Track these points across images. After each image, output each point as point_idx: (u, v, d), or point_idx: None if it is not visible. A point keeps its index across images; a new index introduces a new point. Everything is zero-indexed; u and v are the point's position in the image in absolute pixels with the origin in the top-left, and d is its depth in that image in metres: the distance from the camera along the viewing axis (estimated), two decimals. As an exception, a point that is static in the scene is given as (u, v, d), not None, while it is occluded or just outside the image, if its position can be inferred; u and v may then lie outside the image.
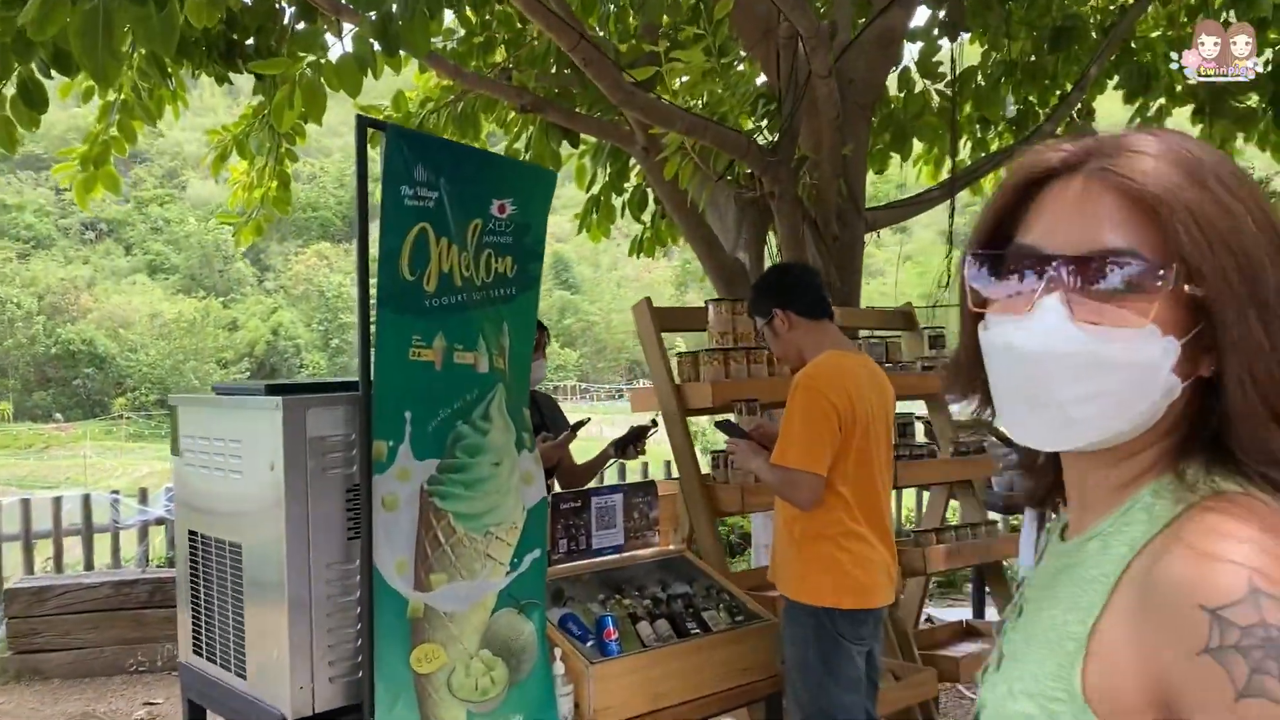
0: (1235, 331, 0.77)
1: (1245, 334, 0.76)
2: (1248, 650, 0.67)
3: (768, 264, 5.25)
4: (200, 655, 2.41)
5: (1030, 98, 6.40)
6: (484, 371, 2.29)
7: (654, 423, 3.15)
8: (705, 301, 3.49)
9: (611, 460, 3.54)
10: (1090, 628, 0.77)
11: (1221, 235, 0.76)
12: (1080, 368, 0.78)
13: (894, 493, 4.38)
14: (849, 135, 4.52)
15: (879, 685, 2.73)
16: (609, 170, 6.10)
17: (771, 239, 5.36)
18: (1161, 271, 0.76)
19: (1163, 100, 6.44)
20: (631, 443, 3.36)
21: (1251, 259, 0.77)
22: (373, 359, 2.16)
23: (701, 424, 9.29)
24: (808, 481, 2.51)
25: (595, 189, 6.25)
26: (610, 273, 44.99)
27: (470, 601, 2.29)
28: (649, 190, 6.24)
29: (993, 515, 4.25)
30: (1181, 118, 6.55)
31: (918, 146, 6.28)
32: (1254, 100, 6.17)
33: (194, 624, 2.43)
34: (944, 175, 6.57)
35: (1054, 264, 0.79)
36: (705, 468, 3.26)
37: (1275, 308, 0.77)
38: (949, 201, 5.04)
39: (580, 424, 3.60)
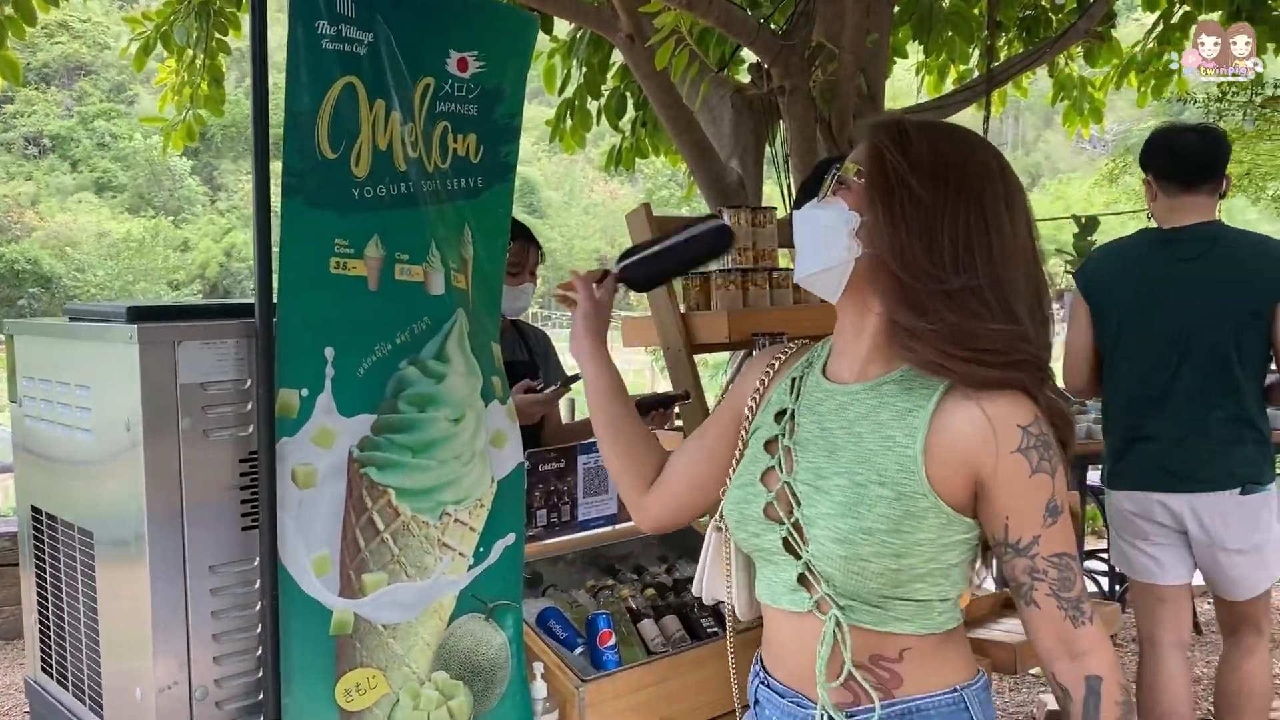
0: (896, 205, 1.28)
1: (896, 206, 1.28)
2: (1035, 449, 1.23)
3: (768, 176, 4.61)
4: (49, 674, 1.78)
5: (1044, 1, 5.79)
6: (438, 293, 1.64)
7: (687, 394, 2.50)
8: (718, 209, 2.84)
9: None
10: (923, 441, 1.24)
11: (894, 154, 1.28)
12: (805, 225, 1.35)
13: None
14: (871, 22, 3.86)
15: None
16: (584, 69, 5.39)
17: (769, 150, 4.71)
18: (836, 166, 1.35)
19: (1189, 6, 5.82)
20: (656, 407, 2.69)
21: (911, 171, 1.28)
22: (276, 272, 1.50)
23: (710, 362, 8.21)
24: None
25: (569, 91, 5.53)
26: (576, 198, 43.95)
27: (420, 608, 1.66)
28: (628, 94, 5.54)
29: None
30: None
31: (916, 53, 5.64)
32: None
33: (41, 632, 1.79)
34: (948, 85, 5.96)
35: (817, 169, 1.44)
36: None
37: (901, 202, 1.28)
38: (982, 105, 4.40)
39: (574, 378, 2.95)
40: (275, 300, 1.51)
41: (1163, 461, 2.73)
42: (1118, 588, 5.07)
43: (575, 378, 3.02)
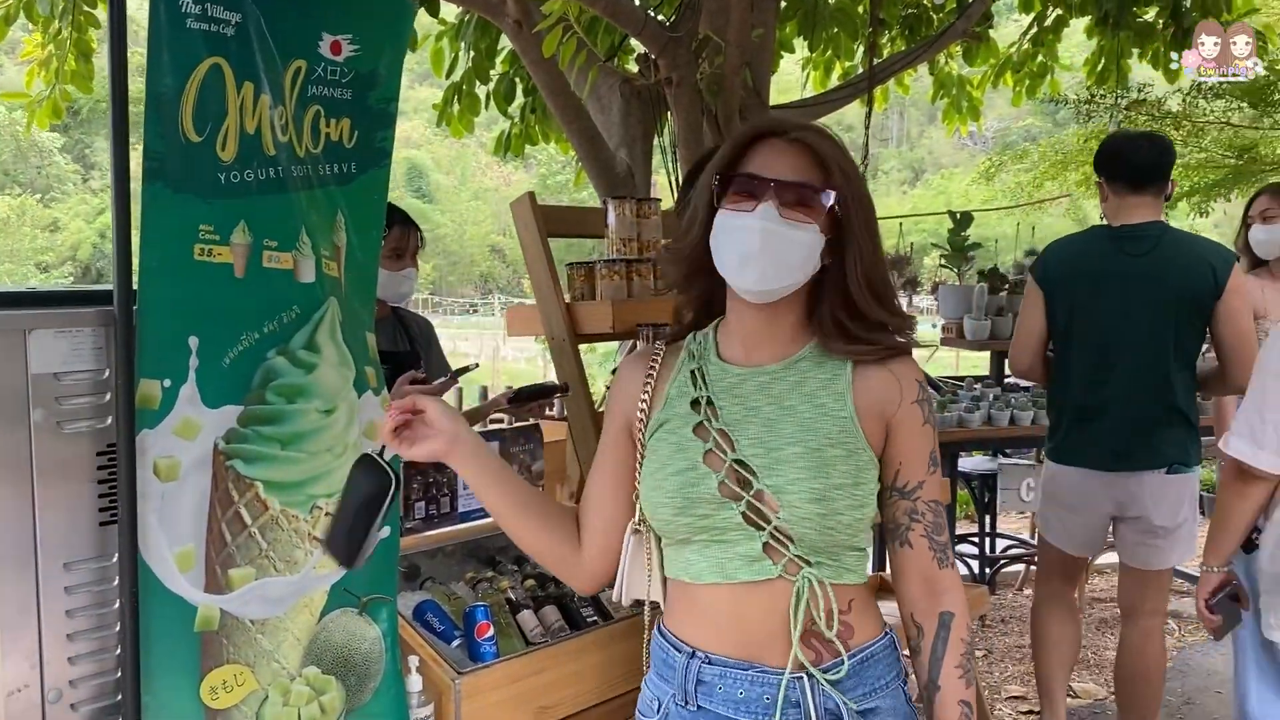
0: (859, 229, 1.39)
1: (860, 232, 1.39)
2: (926, 403, 1.44)
3: (657, 165, 4.63)
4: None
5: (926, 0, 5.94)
6: (308, 281, 1.60)
7: (566, 386, 2.48)
8: (603, 199, 2.83)
9: (504, 414, 2.84)
10: (851, 403, 1.40)
11: (854, 182, 1.40)
12: (781, 241, 1.36)
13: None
14: (757, 17, 3.89)
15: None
16: (472, 53, 5.31)
17: (658, 140, 4.73)
18: (824, 195, 1.38)
19: (1061, 10, 6.04)
20: (536, 399, 2.69)
21: (864, 197, 1.41)
22: (137, 258, 1.45)
23: (599, 349, 8.31)
24: None
25: (457, 75, 5.45)
26: (467, 182, 43.31)
27: (289, 603, 1.63)
28: (517, 80, 5.49)
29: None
30: (1078, 26, 6.21)
31: (802, 49, 5.72)
32: (1153, 13, 5.85)
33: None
34: (834, 82, 6.07)
35: (772, 183, 1.37)
36: (600, 406, 2.63)
37: (872, 225, 1.41)
38: (865, 101, 4.48)
39: (463, 370, 2.92)
40: (136, 287, 1.46)
41: (1099, 440, 2.94)
42: (988, 570, 5.27)
43: (464, 370, 2.99)
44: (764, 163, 1.39)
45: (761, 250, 1.35)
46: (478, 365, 2.74)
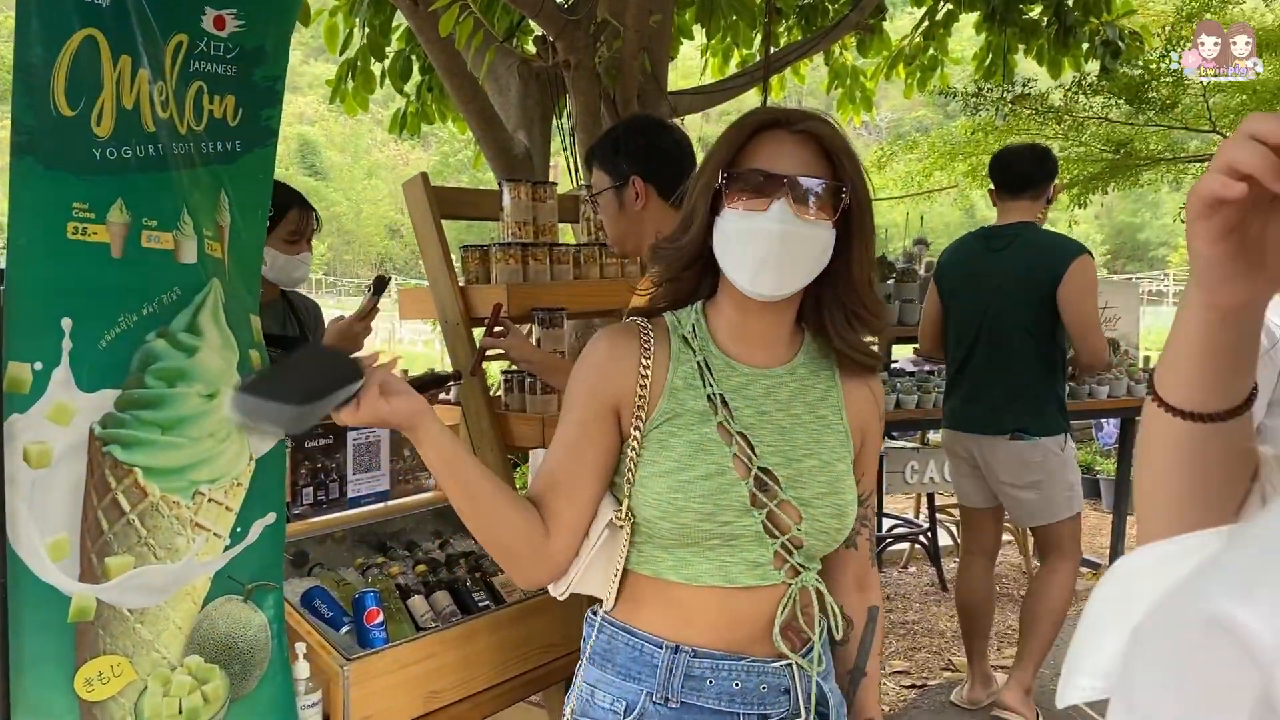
0: (863, 224, 1.36)
1: (864, 226, 1.36)
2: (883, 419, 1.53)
3: (555, 148, 4.61)
4: None
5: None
6: (189, 262, 1.56)
7: (458, 374, 2.45)
8: (499, 181, 2.81)
9: None
10: (845, 417, 1.45)
11: (857, 169, 1.35)
12: (799, 243, 1.32)
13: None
14: (654, 2, 3.90)
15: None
16: (367, 29, 5.20)
17: (556, 122, 4.71)
18: (843, 191, 1.33)
19: (951, 5, 6.21)
20: (425, 388, 2.64)
21: (865, 185, 1.36)
22: (6, 236, 1.39)
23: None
24: None
25: (351, 51, 5.33)
26: (362, 160, 42.36)
27: (170, 592, 1.59)
28: (413, 57, 5.40)
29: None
30: (967, 22, 6.39)
31: (701, 37, 5.76)
32: (1038, 11, 6.07)
33: None
34: (732, 70, 6.13)
35: (784, 180, 1.31)
36: (496, 391, 2.63)
37: (871, 215, 1.38)
38: (762, 90, 4.54)
39: (448, 377, 2.87)
40: (4, 266, 1.40)
41: (959, 408, 3.44)
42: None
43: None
44: (771, 157, 1.32)
45: (780, 254, 1.30)
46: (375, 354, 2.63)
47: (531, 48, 4.86)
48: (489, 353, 2.35)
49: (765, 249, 1.30)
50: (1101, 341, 3.20)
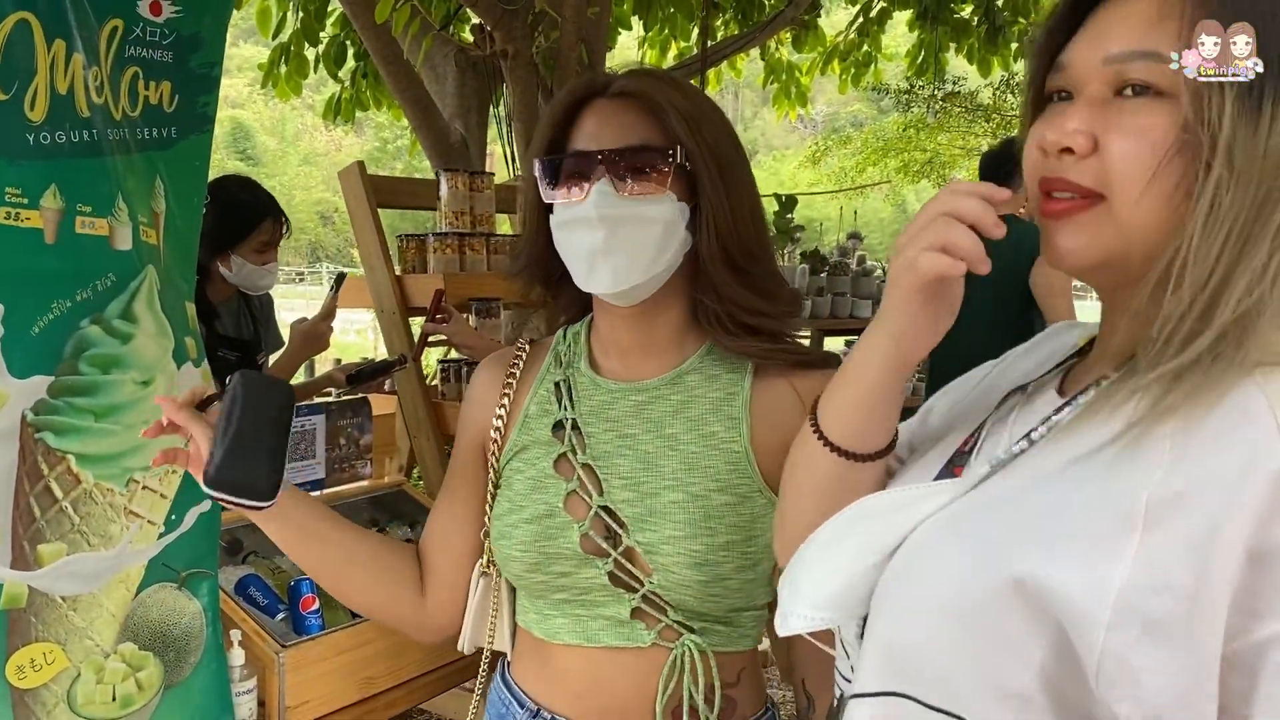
0: (709, 189, 1.12)
1: (714, 192, 1.12)
2: None
3: (492, 137, 4.61)
4: None
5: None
6: (124, 248, 1.55)
7: (403, 359, 2.45)
8: (435, 171, 2.81)
9: (339, 391, 2.78)
10: (748, 432, 1.17)
11: (700, 127, 1.12)
12: (630, 227, 1.10)
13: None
14: (593, -7, 3.92)
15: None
16: (301, 14, 5.14)
17: (494, 111, 4.71)
18: (670, 153, 1.11)
19: (885, 2, 6.33)
20: (371, 377, 2.65)
21: (719, 144, 1.13)
22: (-65, 220, 1.38)
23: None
24: None
25: (284, 35, 5.27)
26: (295, 145, 41.66)
27: (103, 579, 1.59)
28: (348, 43, 5.35)
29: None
30: (901, 20, 6.52)
31: (640, 28, 5.80)
32: (969, 10, 6.21)
33: None
34: (669, 61, 6.17)
35: (599, 158, 1.11)
36: (432, 381, 2.64)
37: (730, 180, 1.13)
38: (699, 82, 4.58)
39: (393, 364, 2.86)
40: (-67, 251, 1.38)
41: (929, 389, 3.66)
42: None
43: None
44: (590, 133, 1.14)
45: (608, 243, 1.10)
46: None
47: (469, 36, 4.85)
48: (430, 338, 2.37)
49: (591, 241, 1.11)
50: (1069, 310, 3.31)
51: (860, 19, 6.29)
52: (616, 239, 1.10)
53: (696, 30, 5.93)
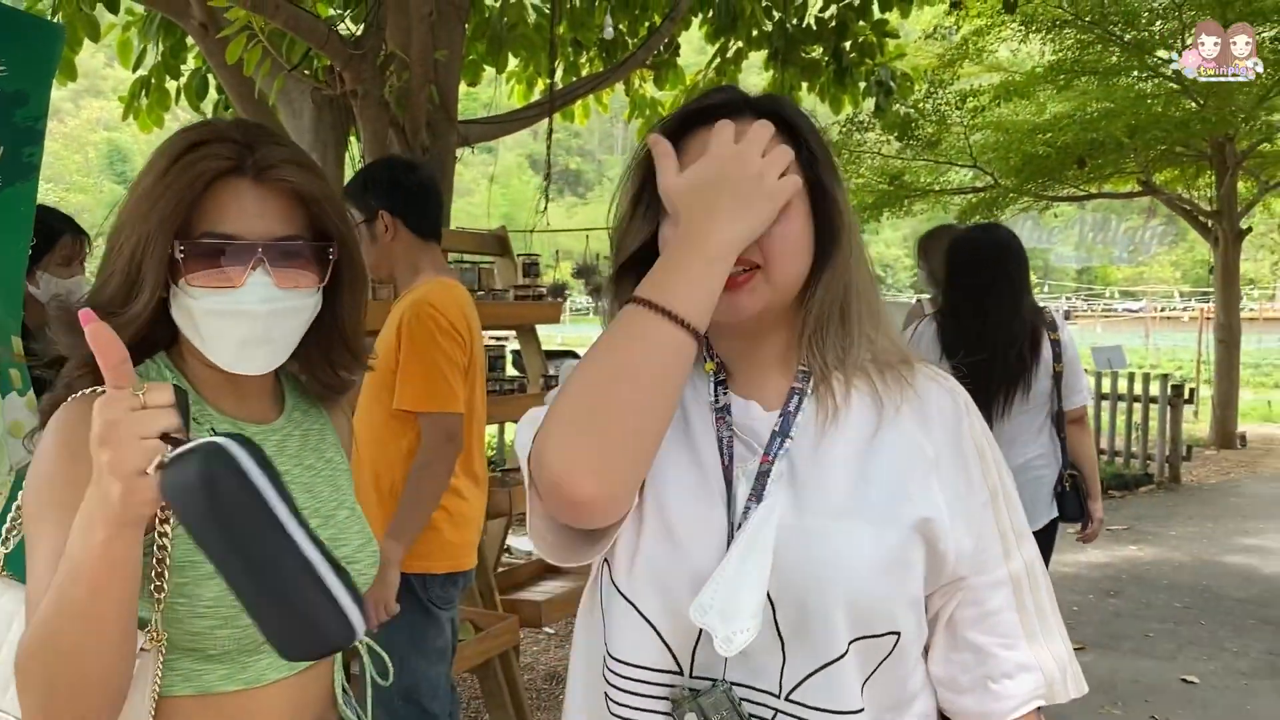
0: (354, 273, 1.19)
1: (354, 274, 1.19)
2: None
3: (349, 172, 4.77)
4: None
5: (621, 26, 6.39)
6: (-52, 287, 1.71)
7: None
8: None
9: None
10: (342, 451, 1.31)
11: (342, 214, 1.16)
12: (286, 317, 1.10)
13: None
14: (442, 38, 4.14)
15: (456, 646, 2.50)
16: (161, 48, 5.22)
17: (353, 144, 4.87)
18: (330, 249, 1.14)
19: (741, 44, 6.68)
20: None
21: (349, 231, 1.17)
22: None
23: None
24: (456, 424, 2.24)
25: (145, 69, 5.33)
26: (173, 169, 40.49)
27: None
28: (210, 77, 5.44)
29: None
30: (757, 60, 6.87)
31: (512, 62, 6.03)
32: (819, 52, 6.59)
33: None
34: (535, 96, 6.41)
35: (258, 249, 1.07)
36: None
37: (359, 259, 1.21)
38: (547, 123, 4.83)
39: None
40: None
41: None
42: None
43: None
44: (237, 216, 1.08)
45: (266, 332, 1.09)
46: None
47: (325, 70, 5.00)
48: None
49: (248, 330, 1.08)
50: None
51: (718, 59, 6.62)
52: (276, 327, 1.10)
53: (562, 68, 6.19)
